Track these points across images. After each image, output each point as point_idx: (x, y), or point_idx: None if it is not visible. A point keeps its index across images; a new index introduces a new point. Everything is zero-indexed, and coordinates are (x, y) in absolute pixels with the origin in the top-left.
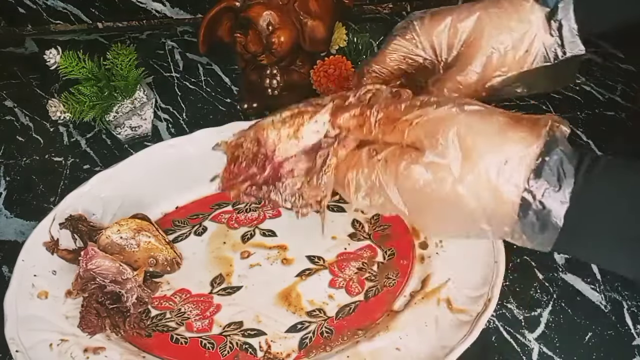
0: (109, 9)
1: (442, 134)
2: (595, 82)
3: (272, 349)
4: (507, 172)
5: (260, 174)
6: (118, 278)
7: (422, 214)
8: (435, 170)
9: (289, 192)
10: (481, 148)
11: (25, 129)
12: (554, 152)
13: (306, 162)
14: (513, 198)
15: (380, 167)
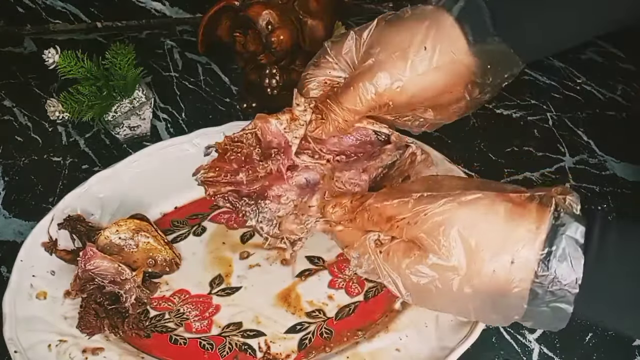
0: (108, 9)
1: (443, 234)
2: (596, 81)
3: (272, 349)
4: (515, 271)
5: (247, 185)
6: (117, 279)
7: (427, 304)
8: (440, 271)
9: (267, 216)
10: (486, 250)
11: (23, 128)
12: (561, 241)
13: (297, 195)
14: (522, 293)
15: (382, 259)
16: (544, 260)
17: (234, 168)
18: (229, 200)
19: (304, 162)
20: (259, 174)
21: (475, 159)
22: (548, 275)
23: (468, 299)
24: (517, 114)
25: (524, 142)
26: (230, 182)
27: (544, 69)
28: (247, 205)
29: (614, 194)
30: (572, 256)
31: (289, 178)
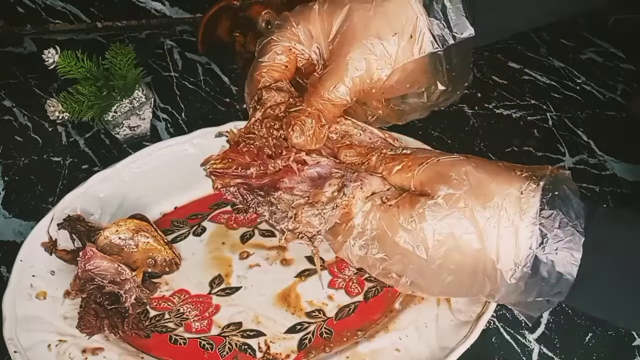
0: (108, 9)
1: (455, 170)
2: (596, 81)
3: (271, 349)
4: (524, 203)
5: (256, 179)
6: (116, 279)
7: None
8: (450, 203)
9: (281, 208)
10: (493, 182)
11: (23, 128)
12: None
13: (309, 187)
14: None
15: (393, 212)
16: (548, 201)
17: (247, 161)
18: (239, 193)
19: (314, 159)
20: (269, 170)
21: None
22: (552, 213)
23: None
24: (517, 114)
25: (523, 142)
26: (239, 176)
27: (544, 69)
28: (259, 198)
29: (614, 194)
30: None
31: (300, 170)
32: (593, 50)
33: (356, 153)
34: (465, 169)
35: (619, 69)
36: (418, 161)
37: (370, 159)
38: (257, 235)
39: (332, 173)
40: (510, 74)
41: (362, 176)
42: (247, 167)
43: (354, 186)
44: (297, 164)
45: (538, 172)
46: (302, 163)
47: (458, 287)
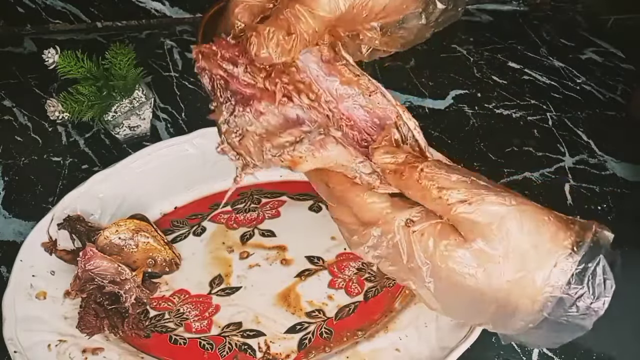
0: (108, 9)
1: (497, 226)
2: (596, 81)
3: (271, 349)
4: (553, 276)
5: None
6: (116, 279)
7: (447, 298)
8: (482, 259)
9: (236, 121)
10: (531, 249)
11: (23, 128)
12: (597, 261)
13: (278, 124)
14: (549, 298)
15: (416, 238)
16: (579, 274)
17: (234, 56)
18: (213, 83)
19: (300, 101)
20: (257, 82)
21: (475, 158)
22: (580, 289)
23: (494, 299)
24: (517, 113)
25: (523, 142)
26: (224, 69)
27: (544, 69)
28: (226, 100)
29: (614, 194)
30: (606, 278)
31: (281, 104)
32: (593, 50)
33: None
34: (508, 227)
35: (619, 69)
36: (457, 197)
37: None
38: (257, 235)
39: (304, 124)
40: (510, 74)
41: (324, 142)
42: (235, 63)
43: (307, 147)
44: (282, 95)
45: (581, 234)
46: (287, 97)
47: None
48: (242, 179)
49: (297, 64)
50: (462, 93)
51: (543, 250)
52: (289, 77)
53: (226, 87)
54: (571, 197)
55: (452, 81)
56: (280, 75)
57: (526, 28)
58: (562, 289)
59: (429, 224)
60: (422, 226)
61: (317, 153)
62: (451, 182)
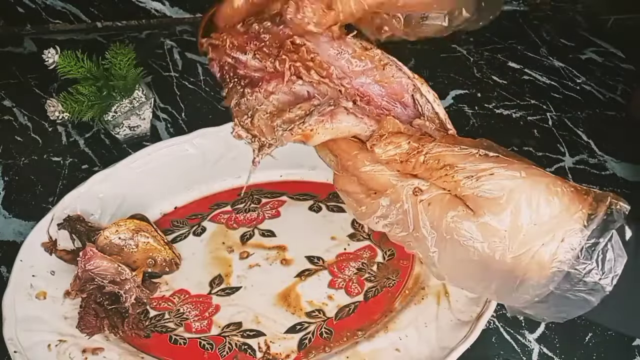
0: (108, 9)
1: (506, 199)
2: (596, 81)
3: (271, 349)
4: (560, 250)
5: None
6: (116, 279)
7: (451, 269)
8: (486, 234)
9: (246, 103)
10: (540, 225)
11: (23, 128)
12: (609, 235)
13: (288, 101)
14: (557, 274)
15: (423, 207)
16: (589, 248)
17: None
18: (224, 69)
19: (310, 78)
20: (266, 66)
21: None
22: (588, 265)
23: (499, 272)
24: (517, 113)
25: (523, 142)
26: (232, 57)
27: (544, 69)
28: (235, 85)
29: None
30: (616, 253)
31: (290, 81)
32: (593, 50)
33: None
34: (517, 199)
35: (619, 69)
36: (465, 173)
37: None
38: (257, 235)
39: (314, 98)
40: (510, 74)
41: (334, 113)
42: (242, 50)
43: (316, 119)
44: (291, 73)
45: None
46: (296, 75)
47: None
48: (259, 160)
49: (307, 45)
50: (462, 93)
51: (551, 225)
52: (298, 55)
53: (235, 73)
54: None
55: (452, 81)
56: (290, 55)
57: (526, 28)
58: (569, 263)
59: (437, 193)
60: (429, 195)
61: (328, 124)
62: (458, 158)
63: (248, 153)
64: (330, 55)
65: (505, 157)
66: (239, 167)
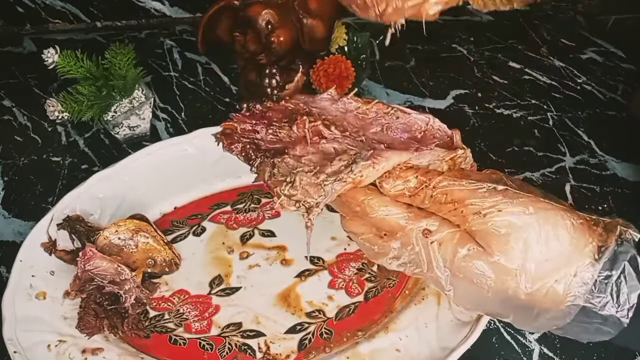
0: (107, 8)
1: (514, 237)
2: (596, 81)
3: (271, 350)
4: (574, 285)
5: (267, 143)
6: (116, 279)
7: (468, 302)
8: (498, 272)
9: (281, 171)
10: (551, 261)
11: (23, 128)
12: (622, 267)
13: (320, 160)
14: (572, 308)
15: (434, 248)
16: (602, 281)
17: (252, 124)
18: (245, 149)
19: (333, 134)
20: (282, 137)
21: (476, 158)
22: (603, 298)
23: (515, 306)
24: (517, 113)
25: (524, 142)
26: (248, 138)
27: (545, 68)
28: (263, 158)
29: (615, 194)
30: (630, 285)
31: (315, 143)
32: (593, 50)
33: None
34: (526, 236)
35: (620, 69)
36: (477, 212)
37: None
38: (257, 235)
39: (347, 150)
40: (510, 74)
41: (377, 154)
42: (254, 130)
43: (364, 164)
44: (312, 134)
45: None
46: (318, 135)
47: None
48: (313, 222)
49: (314, 111)
50: (462, 93)
51: (562, 260)
52: (313, 117)
53: (258, 148)
54: (572, 197)
55: (452, 81)
56: (302, 118)
57: (527, 28)
58: (584, 297)
59: (446, 232)
60: (439, 236)
61: (378, 165)
62: (466, 192)
63: None
64: (338, 115)
65: (513, 190)
66: (239, 167)
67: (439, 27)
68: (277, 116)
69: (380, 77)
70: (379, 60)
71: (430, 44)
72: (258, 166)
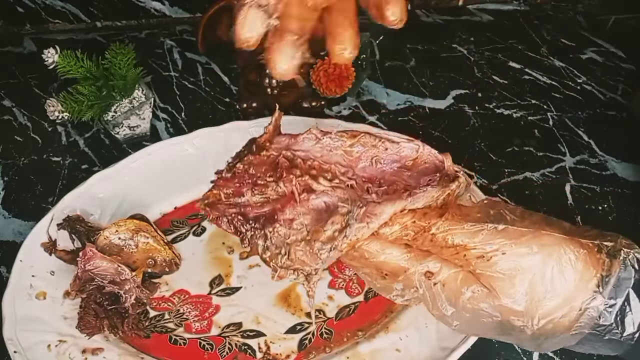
0: (107, 8)
1: (519, 280)
2: (596, 81)
3: (271, 350)
4: (581, 318)
5: (254, 208)
6: (116, 279)
7: (474, 331)
8: (505, 313)
9: (274, 243)
10: (556, 298)
11: (23, 128)
12: (626, 293)
13: (312, 220)
14: (577, 335)
15: (438, 289)
16: (607, 309)
17: (237, 187)
18: (232, 224)
19: (321, 187)
20: (269, 195)
21: (476, 158)
22: (608, 326)
23: (521, 338)
24: (517, 113)
25: (524, 142)
26: (234, 204)
27: (545, 68)
28: (253, 230)
29: (615, 194)
30: (635, 311)
31: (304, 201)
32: (594, 50)
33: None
34: (531, 277)
35: (620, 69)
36: (475, 253)
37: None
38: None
39: (338, 207)
40: (510, 74)
41: (370, 212)
42: (239, 193)
43: (357, 227)
44: (301, 191)
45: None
46: (307, 190)
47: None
48: (314, 290)
49: (299, 154)
50: (462, 93)
51: (568, 296)
52: (298, 169)
53: (245, 219)
54: (572, 197)
55: (452, 81)
56: (290, 172)
57: (527, 28)
58: (590, 325)
59: (449, 273)
60: (442, 277)
61: (372, 224)
62: (467, 236)
63: None
64: (324, 155)
65: (515, 227)
66: None
67: (439, 27)
68: (261, 171)
69: (380, 77)
70: (379, 60)
71: (430, 44)
72: (249, 240)
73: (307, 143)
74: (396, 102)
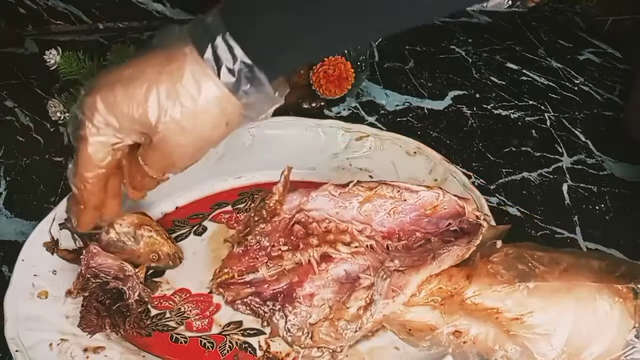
0: (109, 10)
1: (555, 341)
2: (594, 82)
3: (272, 348)
4: None
5: (271, 284)
6: (120, 275)
7: None
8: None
9: (296, 324)
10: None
11: (25, 129)
12: None
13: (334, 292)
14: None
15: (469, 346)
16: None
17: (250, 263)
18: (250, 307)
19: (339, 254)
20: (285, 266)
21: (474, 159)
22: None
23: None
24: (515, 114)
25: (522, 142)
26: (249, 283)
27: (542, 69)
28: (273, 312)
29: (612, 194)
30: None
31: (323, 271)
32: (591, 51)
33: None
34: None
35: (617, 70)
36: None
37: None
38: None
39: (359, 277)
40: (508, 75)
41: (395, 284)
42: (253, 269)
43: (383, 303)
44: (320, 259)
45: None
46: (325, 259)
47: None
48: None
49: (313, 214)
50: (460, 94)
51: (607, 350)
52: (315, 236)
53: (262, 299)
54: (569, 197)
55: (450, 82)
56: (307, 241)
57: (524, 29)
58: None
59: (478, 332)
60: (472, 335)
61: (399, 298)
62: (498, 298)
63: (248, 153)
64: (339, 212)
65: (546, 281)
66: (239, 167)
67: (437, 28)
68: (275, 239)
69: (379, 78)
70: (378, 62)
71: (429, 46)
72: (269, 321)
73: (321, 200)
74: (395, 102)
